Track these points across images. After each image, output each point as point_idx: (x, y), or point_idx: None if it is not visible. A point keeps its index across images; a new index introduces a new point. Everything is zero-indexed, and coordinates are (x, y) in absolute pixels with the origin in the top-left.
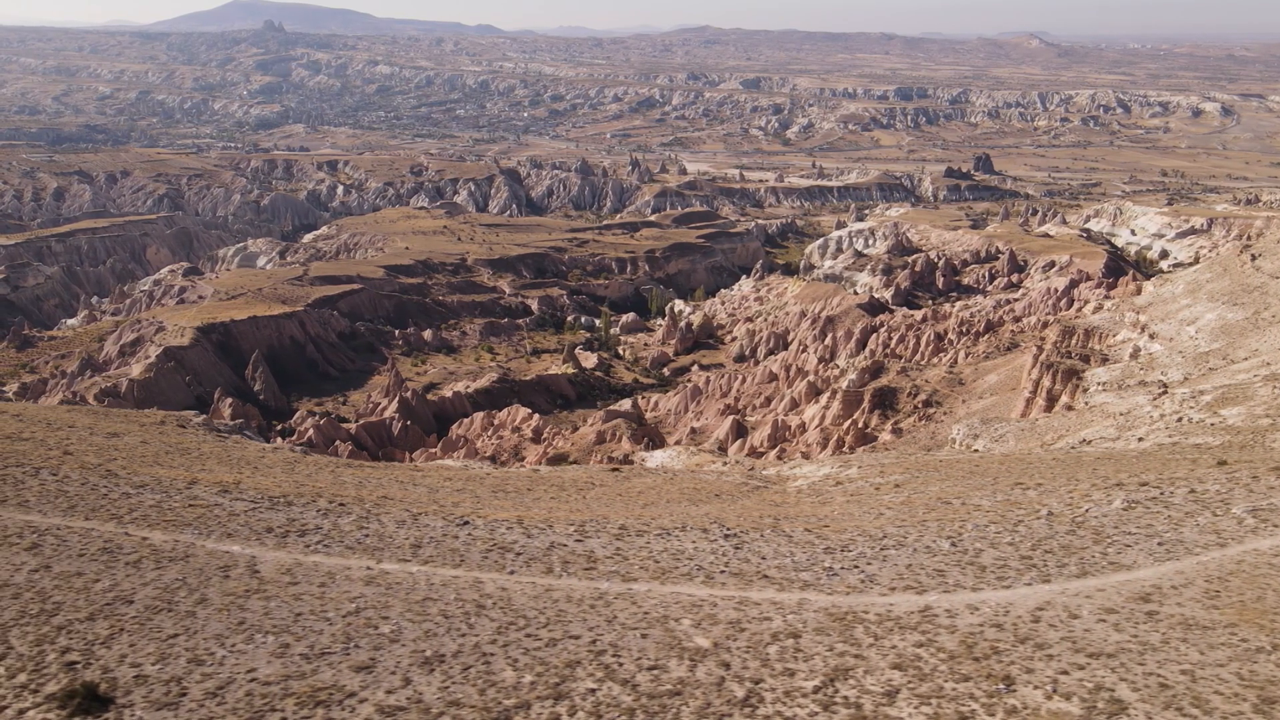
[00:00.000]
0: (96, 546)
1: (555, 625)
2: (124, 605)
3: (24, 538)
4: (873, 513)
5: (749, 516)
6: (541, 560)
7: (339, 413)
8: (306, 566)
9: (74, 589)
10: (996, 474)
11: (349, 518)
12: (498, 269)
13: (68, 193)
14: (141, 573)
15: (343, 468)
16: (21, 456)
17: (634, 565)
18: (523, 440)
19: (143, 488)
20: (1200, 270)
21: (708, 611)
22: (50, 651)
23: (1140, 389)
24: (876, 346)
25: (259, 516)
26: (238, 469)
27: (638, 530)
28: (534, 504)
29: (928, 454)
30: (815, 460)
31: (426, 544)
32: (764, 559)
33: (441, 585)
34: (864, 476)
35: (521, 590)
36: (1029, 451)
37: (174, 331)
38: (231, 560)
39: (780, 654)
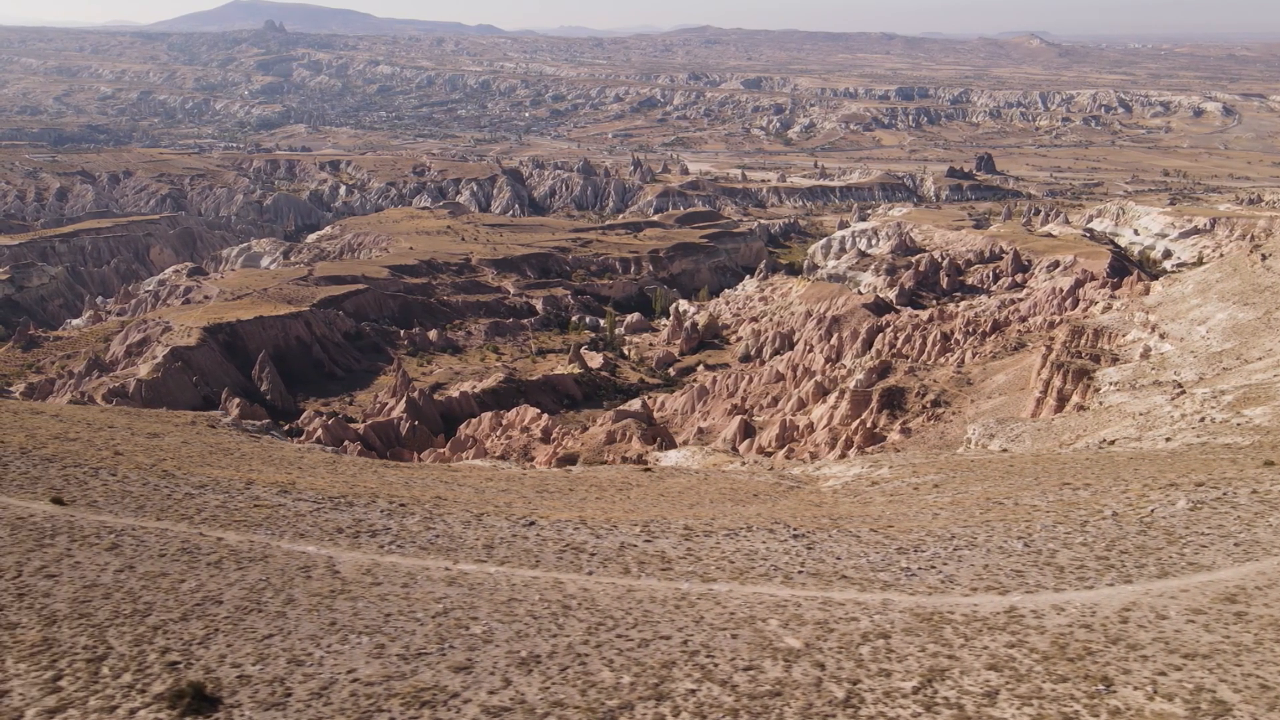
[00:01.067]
0: (175, 547)
1: (644, 626)
2: (214, 605)
3: (102, 538)
4: (926, 513)
5: (802, 516)
6: (616, 561)
7: (346, 413)
8: (385, 567)
9: (162, 589)
10: (1035, 474)
11: (413, 518)
12: (502, 269)
13: (70, 193)
14: (225, 573)
15: (382, 468)
16: (75, 457)
17: (709, 566)
18: (532, 440)
19: (203, 488)
20: (1210, 270)
21: (793, 612)
22: (150, 652)
23: (1155, 389)
24: (882, 346)
25: (325, 517)
26: (284, 469)
27: (703, 531)
28: (582, 504)
29: (956, 454)
30: (844, 460)
31: (498, 545)
32: (839, 559)
33: (523, 586)
34: (898, 476)
35: (603, 591)
36: (1057, 452)
37: (180, 332)
38: (310, 561)
39: (873, 654)
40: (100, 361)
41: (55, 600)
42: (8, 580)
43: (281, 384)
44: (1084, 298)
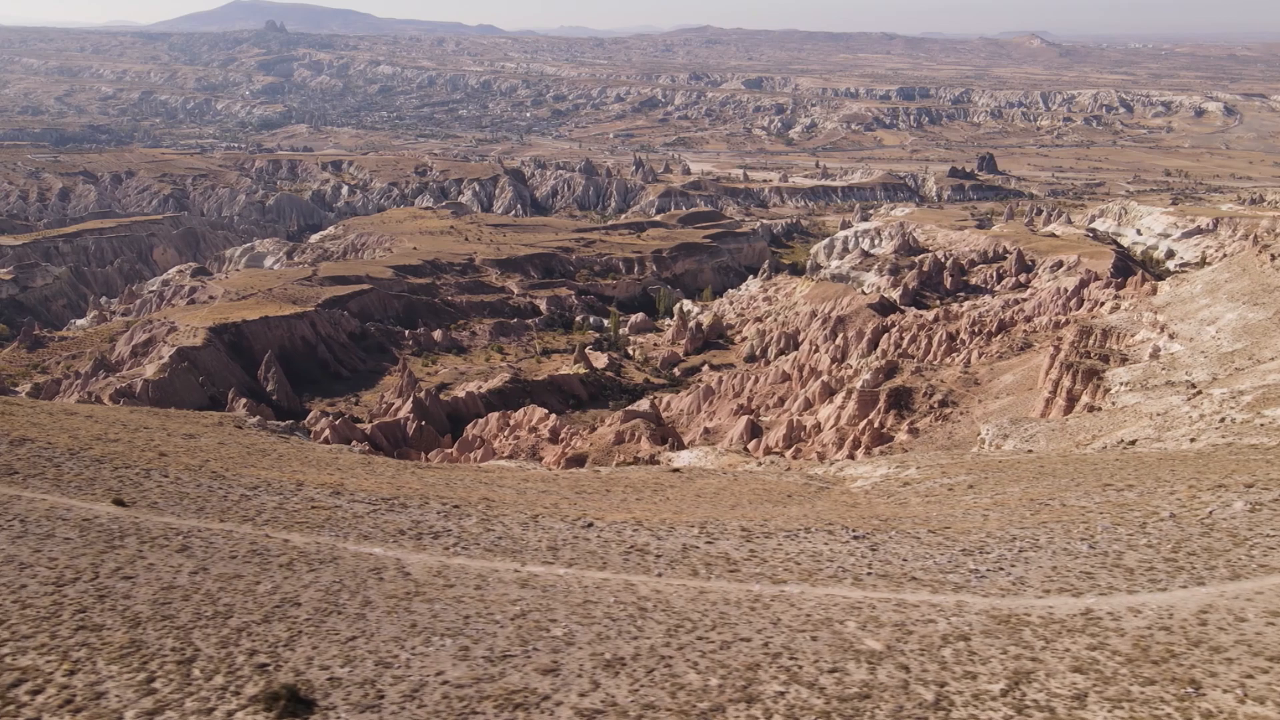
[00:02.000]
0: (245, 549)
1: (722, 628)
2: (293, 608)
3: (170, 540)
4: (974, 514)
5: (849, 517)
6: (682, 563)
7: (351, 413)
8: (455, 569)
9: (239, 591)
10: (1070, 475)
11: (470, 520)
12: (505, 269)
13: (73, 193)
14: (298, 575)
15: (417, 469)
16: (122, 458)
17: (776, 567)
18: (540, 440)
19: (256, 489)
20: (1218, 270)
21: (869, 614)
22: (238, 654)
23: (1168, 389)
24: (888, 346)
25: (383, 518)
26: (325, 470)
27: (762, 532)
28: (625, 505)
29: (981, 455)
30: (869, 460)
31: (562, 546)
32: (905, 561)
33: (595, 588)
34: (927, 477)
35: (676, 593)
36: (1082, 452)
37: (186, 332)
38: (379, 563)
39: (956, 657)
40: (106, 362)
41: (136, 602)
42: (86, 582)
43: (287, 384)
44: (1089, 298)
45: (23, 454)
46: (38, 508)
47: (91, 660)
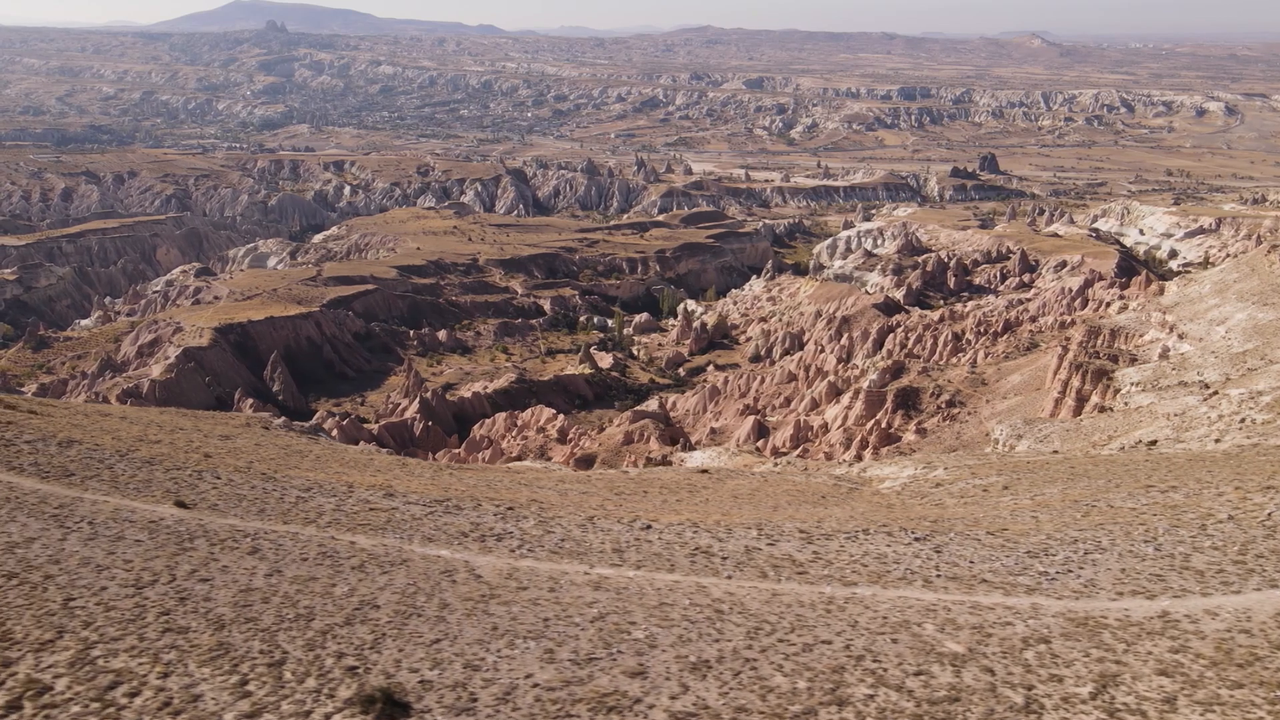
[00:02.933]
0: (314, 551)
1: (801, 630)
2: (372, 610)
3: (239, 542)
4: (1021, 515)
5: (897, 518)
6: (749, 564)
7: (357, 413)
8: (524, 571)
9: (316, 593)
10: (1106, 476)
11: (528, 522)
12: (509, 269)
13: (75, 193)
14: (371, 577)
15: (454, 471)
16: (169, 460)
17: (844, 569)
18: (548, 441)
19: (309, 491)
20: (1227, 270)
21: (945, 616)
22: (326, 656)
23: (1181, 389)
24: (894, 346)
25: (442, 521)
26: (365, 471)
27: (820, 534)
28: (667, 506)
29: (1006, 455)
30: (894, 461)
31: (625, 548)
32: (972, 563)
33: (668, 590)
34: (957, 478)
35: (748, 595)
36: (1108, 453)
37: (192, 332)
38: (449, 565)
39: (1039, 659)
40: (112, 362)
41: (217, 604)
42: (164, 585)
43: (293, 384)
44: (1093, 297)
45: (74, 455)
46: (103, 510)
47: (183, 662)
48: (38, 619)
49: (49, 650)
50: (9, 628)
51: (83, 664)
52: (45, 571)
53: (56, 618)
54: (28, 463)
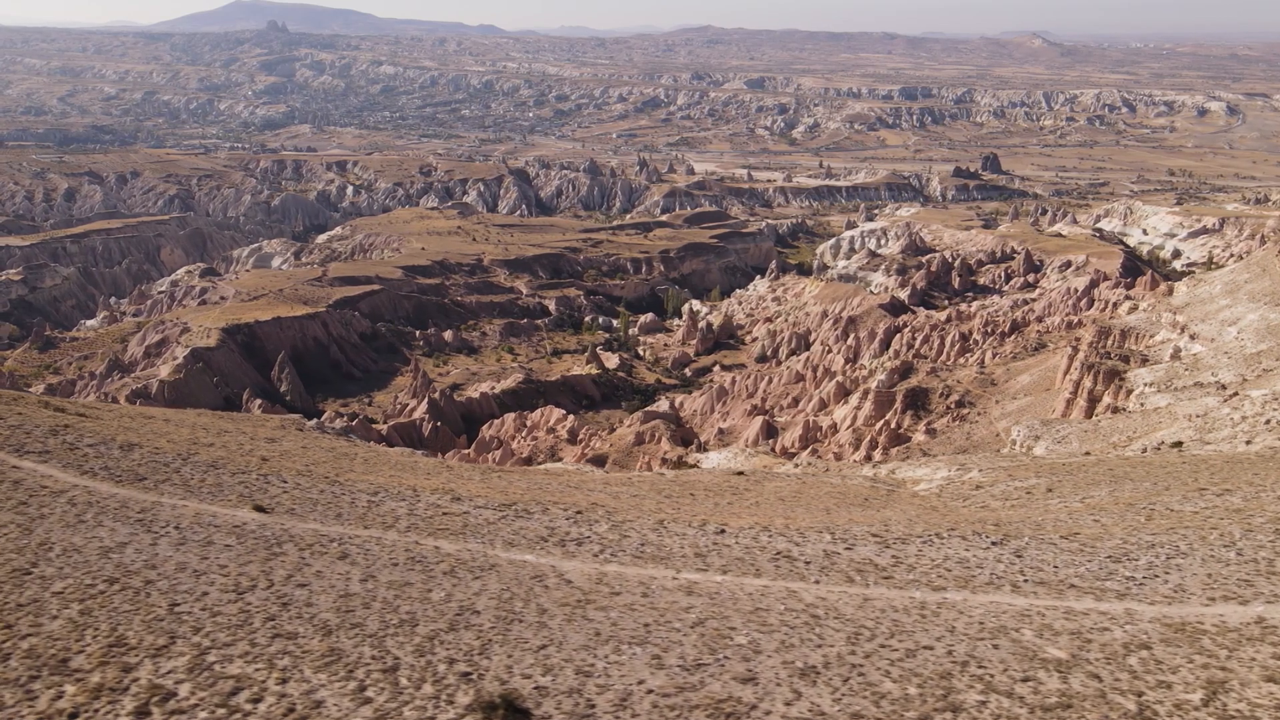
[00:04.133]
0: (403, 556)
1: (901, 635)
2: (473, 615)
3: (327, 547)
4: (1082, 518)
5: (946, 522)
6: (834, 569)
7: (365, 414)
8: (612, 576)
9: (414, 599)
10: (1149, 478)
11: (601, 526)
12: (514, 269)
13: (79, 193)
14: (464, 583)
15: (499, 473)
16: (232, 463)
17: (929, 574)
18: (558, 441)
19: (377, 494)
20: (1237, 270)
21: (1040, 621)
22: (437, 662)
23: (1198, 390)
24: (900, 347)
25: (516, 525)
26: (418, 474)
27: (894, 538)
28: (721, 509)
29: (1038, 457)
30: (923, 462)
31: (707, 553)
32: (1056, 568)
33: (760, 595)
34: (995, 480)
35: (840, 600)
36: (1141, 455)
37: (199, 333)
38: (537, 570)
39: (1143, 665)
40: (120, 362)
41: (320, 609)
42: (264, 590)
43: (300, 385)
44: (1099, 298)
45: (138, 459)
46: (185, 514)
47: (298, 668)
48: (147, 624)
49: (165, 656)
50: (121, 633)
51: (200, 669)
52: (144, 577)
53: (165, 623)
54: (98, 466)
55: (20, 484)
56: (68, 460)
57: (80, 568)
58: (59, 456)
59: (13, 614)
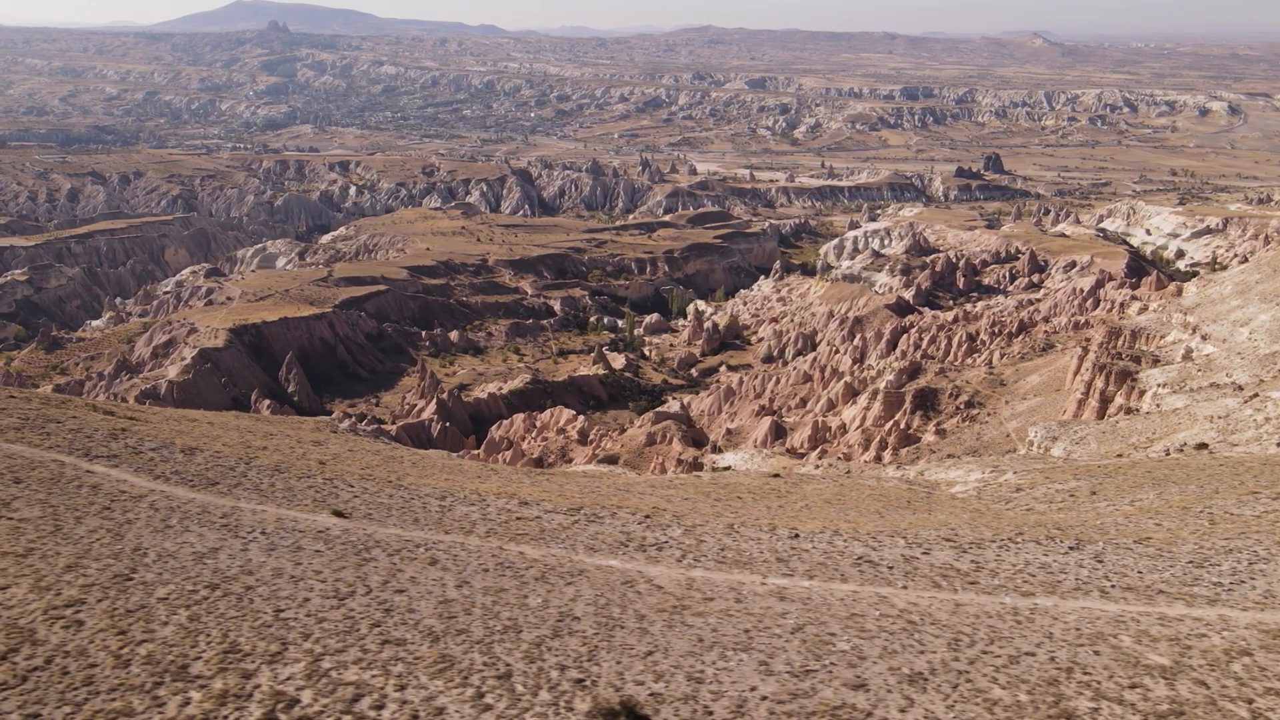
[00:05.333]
0: (490, 561)
1: (1001, 642)
2: (574, 621)
3: (414, 553)
4: (1143, 521)
5: (998, 526)
6: (916, 573)
7: (372, 414)
8: (701, 581)
9: (512, 605)
10: (1195, 480)
11: (674, 530)
12: (519, 270)
13: (82, 194)
14: (557, 589)
15: (539, 475)
16: (294, 468)
17: (1014, 579)
18: (569, 442)
19: (445, 499)
20: (1248, 271)
21: (1136, 627)
22: (549, 669)
23: (1214, 391)
24: (908, 347)
25: (591, 529)
26: (471, 477)
27: (967, 543)
28: (774, 511)
29: (1067, 460)
30: (956, 464)
31: (788, 557)
32: (1140, 573)
33: (851, 600)
34: (1032, 483)
35: (931, 605)
36: (1170, 457)
37: (207, 333)
38: (624, 575)
39: (1248, 672)
40: (127, 363)
41: (422, 615)
42: (363, 596)
43: (308, 385)
44: (1105, 298)
45: (202, 463)
46: (266, 519)
47: (413, 674)
48: (256, 630)
49: (281, 662)
50: (234, 639)
51: (318, 676)
52: (243, 582)
53: (274, 629)
54: (169, 471)
55: (99, 489)
56: (138, 465)
57: (178, 573)
58: (127, 461)
59: (124, 620)
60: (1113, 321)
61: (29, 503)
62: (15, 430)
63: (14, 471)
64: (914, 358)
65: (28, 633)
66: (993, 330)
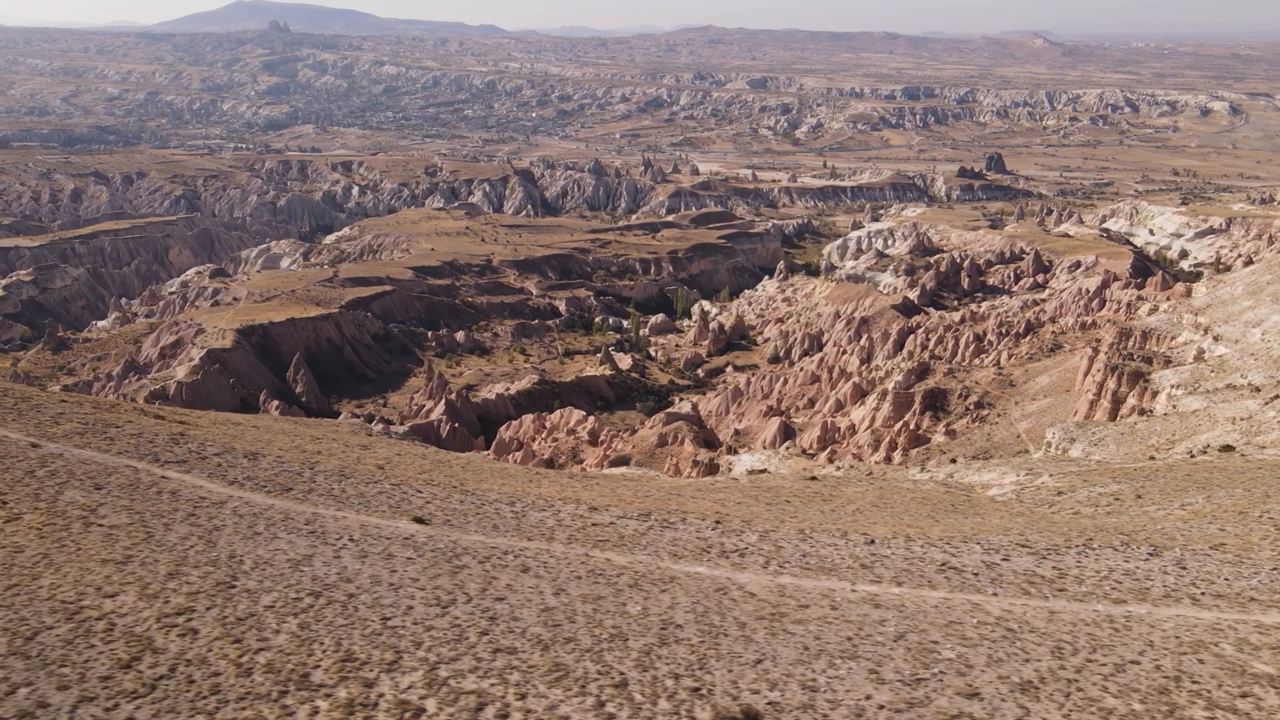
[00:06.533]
0: (581, 569)
1: (1103, 650)
2: (676, 629)
3: (504, 560)
4: (1206, 526)
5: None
6: (1003, 580)
7: (380, 415)
8: (790, 589)
9: (612, 612)
10: (1240, 484)
11: (751, 536)
12: (523, 270)
13: (85, 194)
14: (653, 596)
15: (601, 479)
16: (358, 473)
17: (1102, 585)
18: (579, 443)
19: (515, 505)
20: (1259, 271)
21: (1234, 635)
22: (664, 678)
23: (1230, 393)
24: (915, 348)
25: (668, 535)
26: (521, 481)
27: (1044, 548)
28: (831, 516)
29: (1098, 462)
30: (987, 466)
31: (872, 564)
32: (1227, 580)
33: (946, 608)
34: (1073, 486)
35: (1026, 613)
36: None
37: (214, 334)
38: (715, 582)
39: None
40: (135, 363)
41: (527, 623)
42: (465, 604)
43: (316, 386)
44: (1111, 298)
45: (268, 468)
46: (350, 526)
47: (530, 683)
48: (368, 638)
49: (399, 671)
50: (348, 648)
51: (438, 685)
52: (344, 590)
53: (384, 637)
54: (240, 476)
55: (179, 495)
56: (208, 470)
57: (279, 581)
58: (196, 466)
59: (236, 628)
60: (1122, 322)
61: (114, 509)
62: (80, 435)
63: (92, 478)
64: (921, 358)
65: (146, 640)
66: (1000, 331)
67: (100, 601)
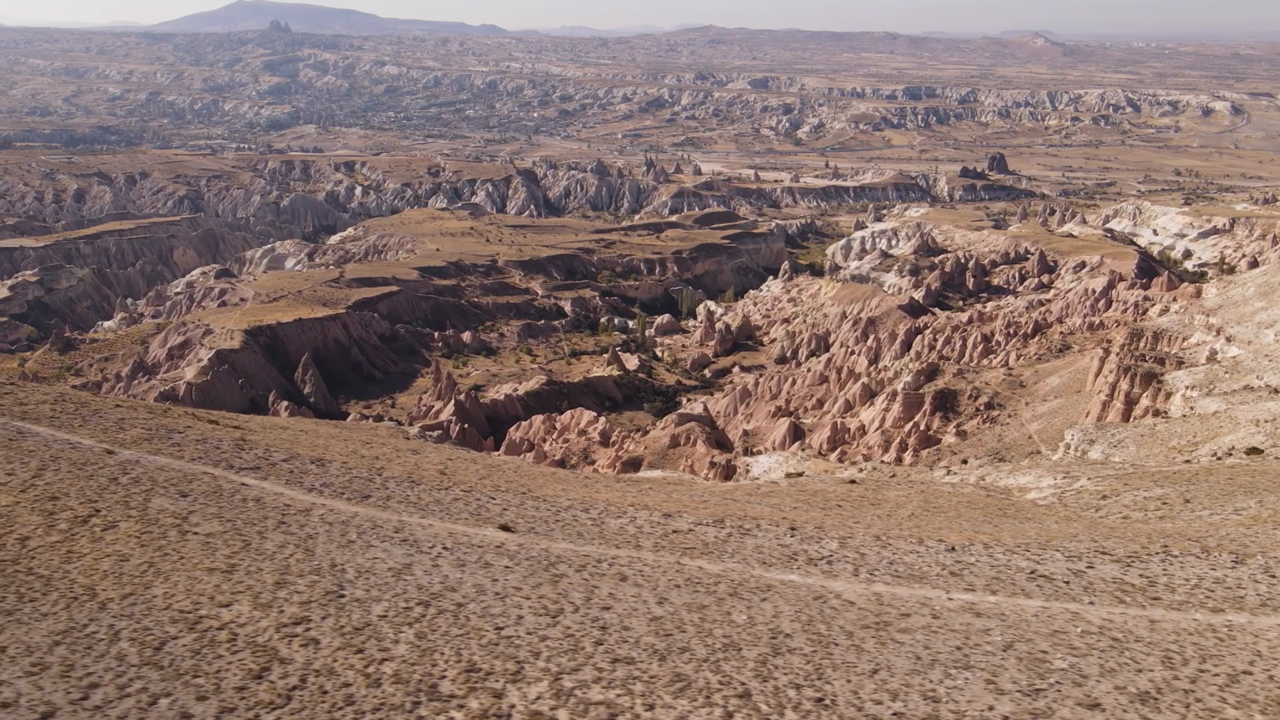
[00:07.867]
0: (679, 577)
1: (1212, 659)
2: (786, 638)
3: (601, 568)
4: (1266, 531)
5: (1138, 536)
6: (1094, 589)
7: (389, 415)
8: (888, 597)
9: (719, 621)
10: (1278, 488)
11: (830, 544)
12: (528, 270)
13: (88, 194)
14: (755, 605)
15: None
16: (426, 480)
17: (1194, 594)
18: (590, 444)
19: (589, 511)
20: (1271, 272)
21: None
22: (785, 688)
23: (1248, 394)
24: (922, 348)
25: (749, 542)
26: (577, 485)
27: (1125, 556)
28: (880, 520)
29: (1142, 466)
30: (1023, 469)
31: (960, 571)
32: None
33: (1045, 617)
34: (1114, 490)
35: (1128, 622)
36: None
37: (222, 334)
38: (811, 591)
39: None
40: (143, 364)
41: (638, 632)
42: (573, 613)
43: (324, 386)
44: (1117, 299)
45: (338, 474)
46: (439, 534)
47: (654, 693)
48: (486, 648)
49: (524, 681)
50: (469, 658)
51: (564, 695)
52: (452, 599)
53: (502, 647)
54: (318, 484)
55: (263, 502)
56: (286, 477)
57: (385, 590)
58: (270, 473)
59: (356, 638)
60: (1133, 323)
61: (205, 517)
62: (148, 442)
63: (175, 485)
64: (929, 359)
65: (271, 650)
66: (1008, 331)
67: (217, 611)
